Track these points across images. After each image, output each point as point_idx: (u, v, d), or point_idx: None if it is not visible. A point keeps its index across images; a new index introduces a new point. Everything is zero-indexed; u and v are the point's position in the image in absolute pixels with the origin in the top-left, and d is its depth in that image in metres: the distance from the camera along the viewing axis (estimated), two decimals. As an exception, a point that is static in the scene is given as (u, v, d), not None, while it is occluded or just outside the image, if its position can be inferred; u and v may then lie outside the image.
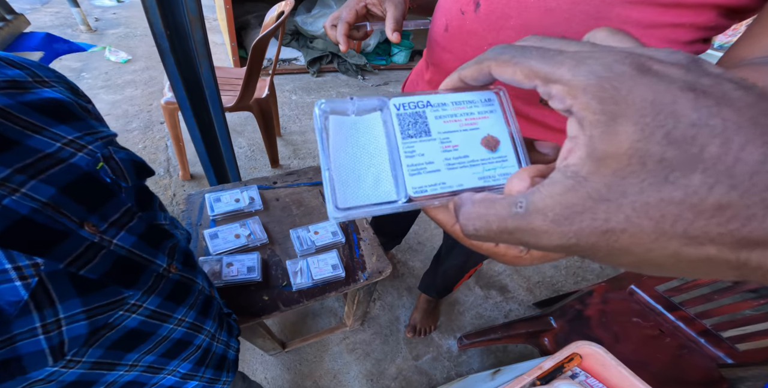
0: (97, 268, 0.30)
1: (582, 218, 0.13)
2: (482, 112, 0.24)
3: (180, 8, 0.75)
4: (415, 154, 0.23)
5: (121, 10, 3.44)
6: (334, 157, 0.23)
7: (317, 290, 0.74)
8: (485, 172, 0.23)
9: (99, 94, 2.13)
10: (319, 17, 2.63)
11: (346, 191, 0.23)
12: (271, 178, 0.92)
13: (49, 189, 0.27)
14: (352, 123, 0.24)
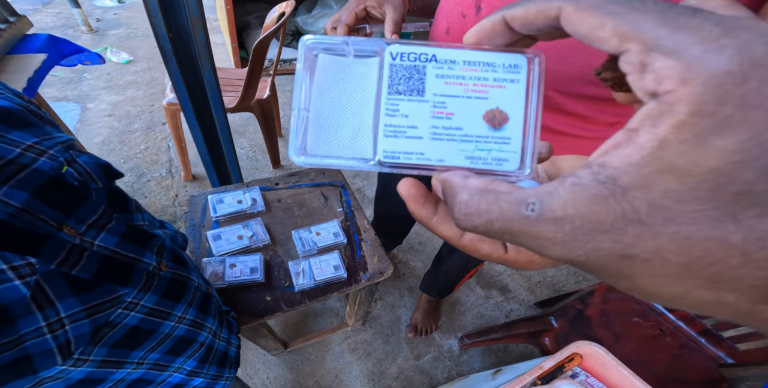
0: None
1: (604, 238, 0.11)
2: (499, 79, 0.20)
3: (182, 10, 0.76)
4: (398, 114, 0.20)
5: (122, 10, 3.44)
6: (316, 98, 0.21)
7: (319, 291, 0.75)
8: (476, 152, 0.20)
9: (101, 94, 2.14)
10: (319, 18, 2.63)
11: (320, 137, 0.21)
12: (273, 180, 0.93)
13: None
14: (345, 65, 0.22)
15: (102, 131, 1.87)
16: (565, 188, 0.12)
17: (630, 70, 0.12)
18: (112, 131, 1.89)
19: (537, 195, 0.12)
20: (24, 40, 1.15)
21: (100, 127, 1.90)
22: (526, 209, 0.12)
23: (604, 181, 0.11)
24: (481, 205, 0.14)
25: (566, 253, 0.12)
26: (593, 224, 0.11)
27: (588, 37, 0.13)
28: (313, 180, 0.95)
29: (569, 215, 0.11)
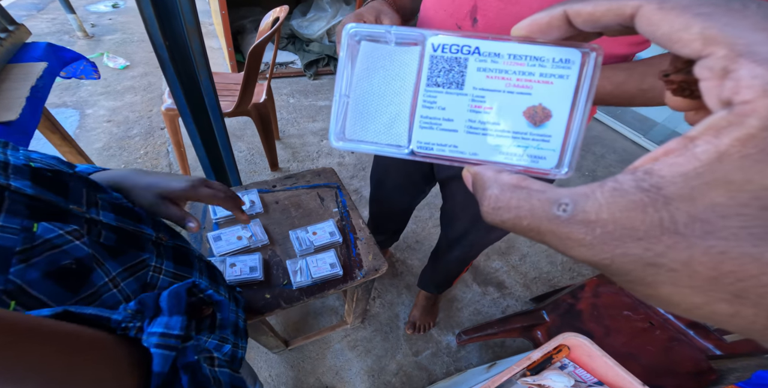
0: (108, 237, 0.36)
1: (635, 244, 0.11)
2: (546, 74, 0.19)
3: (177, 19, 0.78)
4: (435, 106, 0.20)
5: (117, 15, 3.42)
6: (357, 85, 0.21)
7: (317, 288, 0.77)
8: (512, 148, 0.20)
9: (99, 100, 2.16)
10: (314, 21, 2.65)
11: (358, 123, 0.21)
12: (271, 182, 0.95)
13: (26, 183, 0.31)
14: (387, 53, 0.22)
15: (102, 137, 1.90)
16: (603, 192, 0.12)
17: (707, 76, 0.12)
18: (112, 137, 1.91)
19: (571, 196, 0.12)
20: (24, 48, 1.16)
21: (100, 132, 1.92)
22: (558, 209, 0.12)
23: (647, 189, 0.11)
24: (512, 201, 0.14)
25: (592, 255, 0.12)
26: (626, 231, 0.11)
27: (666, 38, 0.12)
28: (309, 182, 0.98)
29: (602, 219, 0.11)
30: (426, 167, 0.85)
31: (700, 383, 0.84)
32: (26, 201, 0.30)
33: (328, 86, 2.67)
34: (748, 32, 0.10)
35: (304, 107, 2.39)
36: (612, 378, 0.68)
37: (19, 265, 0.28)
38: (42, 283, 0.29)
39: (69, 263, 0.31)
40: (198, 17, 0.79)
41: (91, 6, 3.53)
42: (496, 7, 0.49)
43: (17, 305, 0.27)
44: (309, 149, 2.05)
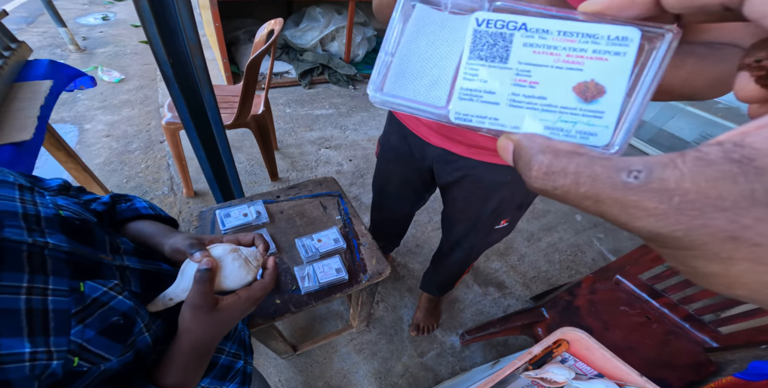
0: (136, 285, 0.40)
1: (719, 215, 0.10)
2: (600, 51, 0.18)
3: (180, 38, 0.81)
4: (476, 78, 0.20)
5: (108, 27, 3.40)
6: (404, 46, 0.21)
7: (324, 292, 0.80)
8: (558, 123, 0.19)
9: (97, 115, 2.17)
10: (307, 31, 2.69)
11: (399, 81, 0.21)
12: (275, 193, 0.99)
13: (60, 237, 0.33)
14: (441, 19, 0.21)
15: (102, 152, 1.91)
16: (686, 161, 0.11)
17: None
18: (112, 152, 1.92)
19: (644, 163, 0.12)
20: (26, 66, 1.16)
21: (100, 148, 1.93)
22: (628, 175, 0.12)
23: (738, 159, 0.10)
24: (570, 166, 0.13)
25: (662, 226, 0.11)
26: (710, 200, 0.10)
27: None
28: (311, 191, 1.01)
29: (683, 187, 0.11)
30: (426, 174, 0.88)
31: (699, 375, 0.86)
32: (65, 257, 0.32)
33: (324, 95, 2.69)
34: None
35: (300, 117, 2.42)
36: (611, 370, 0.71)
37: (78, 326, 0.30)
38: (98, 340, 0.32)
39: (117, 319, 0.34)
40: (199, 35, 0.81)
41: (81, 19, 3.52)
42: None
43: (80, 360, 0.30)
44: (307, 158, 2.07)
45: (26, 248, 0.29)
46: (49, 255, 0.31)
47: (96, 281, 0.33)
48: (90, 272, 0.34)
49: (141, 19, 0.74)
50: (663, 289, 1.01)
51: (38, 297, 0.28)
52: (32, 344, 0.27)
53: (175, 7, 0.75)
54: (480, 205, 0.82)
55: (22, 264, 0.28)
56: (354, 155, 2.14)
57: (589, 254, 1.76)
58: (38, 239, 0.30)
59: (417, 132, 0.79)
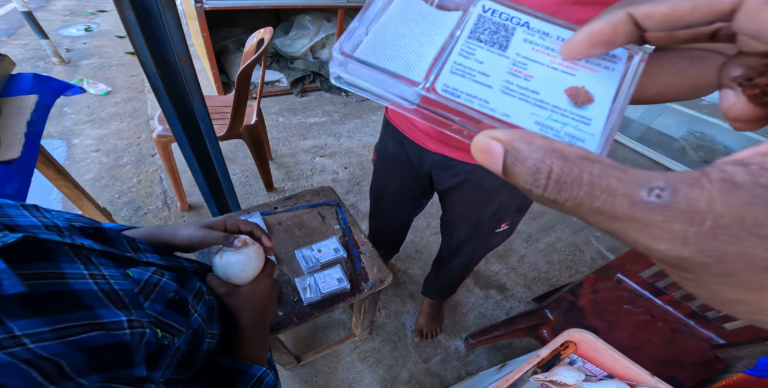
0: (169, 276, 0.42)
1: (758, 244, 0.10)
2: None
3: (168, 48, 0.79)
4: (472, 57, 0.19)
5: (91, 39, 3.34)
6: (381, 24, 0.20)
7: (326, 303, 0.79)
8: (549, 121, 0.18)
9: (85, 129, 2.13)
10: (297, 39, 2.69)
11: (370, 49, 0.19)
12: (272, 204, 0.97)
13: (87, 241, 0.35)
14: (425, 11, 0.21)
15: (92, 167, 1.87)
16: (713, 182, 0.10)
17: None
18: (102, 167, 1.89)
19: (667, 181, 0.11)
20: (10, 80, 1.11)
21: (89, 163, 1.90)
22: (649, 193, 0.11)
23: (766, 184, 0.10)
24: (583, 175, 0.11)
25: (689, 251, 0.10)
26: (747, 227, 0.10)
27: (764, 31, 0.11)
28: (309, 201, 1.00)
29: (716, 210, 0.10)
30: (425, 180, 0.88)
31: (708, 372, 0.86)
32: (100, 255, 0.34)
33: (316, 103, 2.69)
34: None
35: (293, 125, 2.41)
36: (621, 371, 0.71)
37: (146, 302, 0.34)
38: (167, 313, 0.35)
39: (173, 295, 0.37)
40: (188, 46, 0.80)
41: (63, 30, 3.46)
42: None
43: (162, 332, 0.33)
44: (302, 168, 2.05)
45: (68, 248, 0.31)
46: (88, 254, 0.33)
47: (138, 267, 0.36)
48: (127, 265, 0.36)
49: (127, 32, 0.72)
50: (665, 286, 1.01)
51: (102, 281, 0.31)
52: (123, 315, 0.30)
53: (162, 18, 0.73)
54: (480, 209, 0.82)
55: (73, 258, 0.30)
56: (349, 163, 2.13)
57: (588, 253, 1.77)
58: (75, 241, 0.32)
59: (414, 138, 0.78)
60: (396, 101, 0.20)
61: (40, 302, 0.25)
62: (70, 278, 0.28)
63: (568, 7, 0.46)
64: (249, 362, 0.45)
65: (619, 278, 1.06)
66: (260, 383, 0.44)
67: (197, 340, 0.40)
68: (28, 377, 0.22)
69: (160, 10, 0.71)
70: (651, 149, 2.55)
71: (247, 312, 0.48)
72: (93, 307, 0.28)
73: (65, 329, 0.25)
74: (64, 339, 0.25)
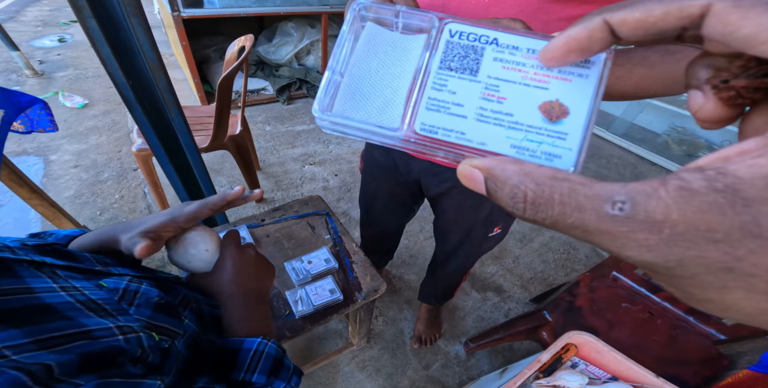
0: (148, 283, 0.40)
1: (713, 247, 0.10)
2: (566, 72, 0.19)
3: (138, 57, 0.76)
4: (445, 89, 0.19)
5: (65, 50, 3.25)
6: (353, 65, 0.21)
7: (319, 315, 0.77)
8: (524, 142, 0.18)
9: (62, 144, 2.06)
10: (280, 46, 2.67)
11: (348, 102, 0.20)
12: (259, 216, 0.94)
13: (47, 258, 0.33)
14: (392, 39, 0.21)
15: (71, 184, 1.81)
16: (669, 191, 0.11)
17: None
18: (82, 183, 1.82)
19: (628, 194, 0.11)
20: None
21: (68, 180, 1.83)
22: (612, 207, 0.11)
23: (722, 190, 0.10)
24: (554, 196, 0.13)
25: (653, 257, 0.11)
26: (701, 232, 0.10)
27: (751, 39, 0.12)
28: (297, 212, 0.97)
29: (672, 219, 0.11)
30: (414, 187, 0.86)
31: (713, 369, 0.85)
32: (65, 269, 0.32)
33: (303, 110, 2.66)
34: None
35: (281, 134, 2.37)
36: (624, 372, 0.70)
37: (131, 307, 0.32)
38: (157, 316, 0.34)
39: (158, 299, 0.35)
40: (160, 53, 0.77)
41: (36, 41, 3.36)
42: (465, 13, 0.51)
43: (158, 335, 0.32)
44: (292, 177, 2.02)
45: (27, 264, 0.29)
46: (51, 269, 0.31)
47: (111, 278, 0.34)
48: (100, 277, 0.34)
49: (91, 41, 0.69)
50: (660, 282, 1.00)
51: (76, 293, 0.29)
52: (110, 322, 0.28)
53: (129, 26, 0.70)
54: (472, 214, 0.80)
55: (37, 273, 0.28)
56: (339, 170, 2.10)
57: (582, 251, 1.77)
58: (34, 258, 0.30)
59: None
60: (382, 142, 0.20)
61: (14, 316, 0.24)
62: (40, 292, 0.27)
63: (549, 5, 0.46)
64: (240, 338, 0.41)
65: (615, 276, 1.05)
66: (260, 355, 0.41)
67: (196, 344, 0.39)
68: (18, 382, 0.21)
69: (126, 17, 0.68)
70: (636, 145, 2.59)
71: (224, 288, 0.44)
72: (74, 317, 0.26)
73: (48, 339, 0.24)
74: (50, 349, 0.24)
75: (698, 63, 0.15)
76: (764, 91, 0.14)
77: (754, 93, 0.14)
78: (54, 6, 4.74)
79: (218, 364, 0.40)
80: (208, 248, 0.44)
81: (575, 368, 0.76)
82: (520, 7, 0.47)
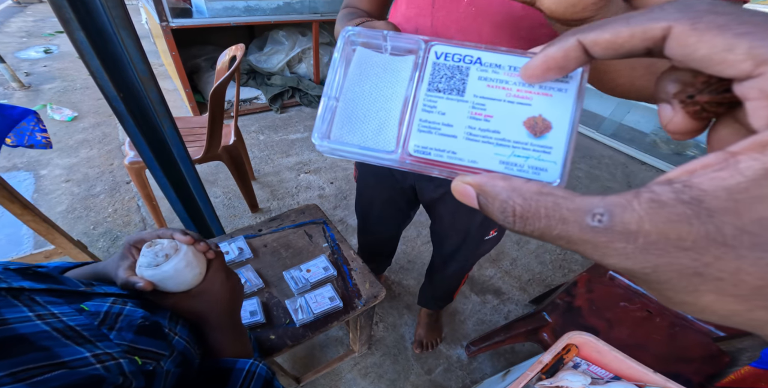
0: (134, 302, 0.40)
1: (683, 255, 0.11)
2: (547, 87, 0.20)
3: (128, 69, 0.75)
4: (435, 110, 0.20)
5: (52, 61, 3.20)
6: (347, 89, 0.22)
7: (319, 323, 0.77)
8: (512, 158, 0.19)
9: (53, 159, 2.03)
10: (272, 54, 2.68)
11: (345, 126, 0.21)
12: (256, 227, 0.94)
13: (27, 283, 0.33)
14: (382, 62, 0.22)
15: (63, 199, 1.78)
16: (641, 203, 0.12)
17: (755, 96, 0.12)
18: (74, 198, 1.80)
19: (606, 206, 0.12)
20: None
21: (60, 194, 1.81)
22: (592, 219, 0.12)
23: (688, 201, 0.11)
24: (540, 210, 0.14)
25: (631, 264, 0.12)
26: (671, 241, 0.11)
27: (708, 59, 0.12)
28: (294, 221, 0.97)
29: (644, 229, 0.11)
30: (409, 193, 0.86)
31: (715, 367, 0.85)
32: (46, 294, 0.32)
33: (297, 119, 2.65)
34: None
35: (275, 143, 2.36)
36: (626, 371, 0.70)
37: (112, 332, 0.32)
38: (140, 339, 0.33)
39: (141, 321, 0.35)
40: (150, 65, 0.76)
41: (21, 53, 3.32)
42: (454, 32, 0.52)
43: (141, 358, 0.32)
44: (287, 185, 2.00)
45: (5, 293, 0.29)
46: (29, 295, 0.31)
47: (93, 300, 0.34)
48: (82, 299, 0.34)
49: (80, 54, 0.68)
50: (657, 279, 1.01)
51: (54, 320, 0.29)
52: (86, 350, 0.28)
53: (118, 37, 0.69)
54: (467, 219, 0.81)
55: (12, 302, 0.28)
56: (335, 177, 2.10)
57: (578, 250, 1.78)
58: (12, 284, 0.30)
59: None
60: (379, 163, 0.21)
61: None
62: (14, 323, 0.27)
63: (534, 11, 0.47)
64: (233, 358, 0.43)
65: (612, 275, 1.06)
66: (252, 375, 0.41)
67: (187, 361, 0.39)
68: None
69: (114, 29, 0.67)
70: (625, 145, 2.63)
71: (215, 312, 0.44)
72: (49, 347, 0.27)
73: (22, 371, 0.24)
74: (26, 381, 0.24)
75: (666, 77, 0.16)
76: (726, 105, 0.15)
77: (717, 107, 0.15)
78: (38, 16, 4.69)
79: (210, 382, 0.40)
80: (200, 272, 0.43)
81: (577, 368, 0.76)
82: (506, 14, 0.48)
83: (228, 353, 0.44)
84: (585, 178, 2.28)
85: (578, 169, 2.36)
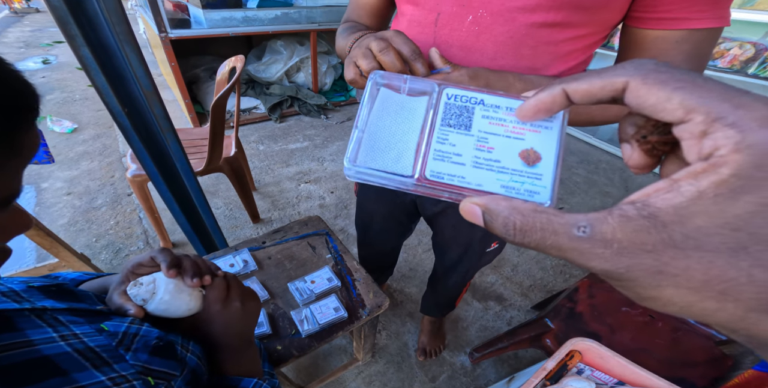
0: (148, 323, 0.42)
1: (647, 256, 0.14)
2: (536, 125, 0.24)
3: (133, 85, 0.75)
4: (447, 142, 0.24)
5: (50, 72, 3.19)
6: (371, 123, 0.26)
7: (325, 333, 0.78)
8: (511, 183, 0.23)
9: (54, 171, 2.04)
10: (270, 64, 2.70)
11: (369, 153, 0.25)
12: (259, 239, 0.95)
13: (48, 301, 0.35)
14: (400, 100, 0.27)
15: (64, 212, 1.79)
16: (614, 218, 0.15)
17: (687, 137, 0.16)
18: (76, 211, 1.80)
19: (588, 220, 0.15)
20: None
21: (62, 207, 1.81)
22: (578, 230, 0.15)
23: (647, 216, 0.14)
24: (536, 224, 0.17)
25: (609, 265, 0.15)
26: (638, 246, 0.14)
27: (653, 107, 0.16)
28: (297, 233, 0.97)
29: (617, 238, 0.15)
30: (410, 206, 0.87)
31: (719, 370, 0.85)
32: (68, 313, 0.34)
33: (296, 128, 2.66)
34: (716, 102, 0.14)
35: (275, 153, 2.36)
36: (630, 376, 0.71)
37: (129, 353, 0.33)
38: (154, 360, 0.35)
39: (156, 342, 0.36)
40: (153, 80, 0.76)
41: (19, 64, 3.32)
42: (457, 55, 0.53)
43: (154, 379, 0.33)
44: (288, 195, 2.00)
45: (29, 313, 0.30)
46: (53, 314, 0.32)
47: (113, 319, 0.35)
48: (101, 318, 0.35)
49: (85, 70, 0.68)
50: (657, 283, 1.02)
51: (75, 341, 0.30)
52: (103, 374, 0.29)
53: (122, 53, 0.70)
54: (469, 232, 0.82)
55: (37, 323, 0.30)
56: (335, 187, 2.10)
57: (578, 254, 1.78)
58: (36, 304, 0.32)
59: None
60: (398, 187, 0.25)
61: (13, 373, 0.25)
62: (39, 344, 0.28)
63: (536, 30, 0.47)
64: (238, 377, 0.44)
65: (613, 280, 1.07)
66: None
67: (197, 378, 0.40)
68: None
69: (119, 44, 0.68)
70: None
71: (225, 335, 0.45)
72: (68, 371, 0.28)
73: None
74: None
75: (626, 121, 0.20)
76: (671, 145, 0.19)
77: (664, 146, 0.19)
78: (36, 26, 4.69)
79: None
80: (189, 306, 0.42)
81: (581, 374, 0.76)
82: (509, 33, 0.48)
83: (235, 372, 0.45)
84: (583, 184, 2.28)
85: (576, 175, 2.37)
